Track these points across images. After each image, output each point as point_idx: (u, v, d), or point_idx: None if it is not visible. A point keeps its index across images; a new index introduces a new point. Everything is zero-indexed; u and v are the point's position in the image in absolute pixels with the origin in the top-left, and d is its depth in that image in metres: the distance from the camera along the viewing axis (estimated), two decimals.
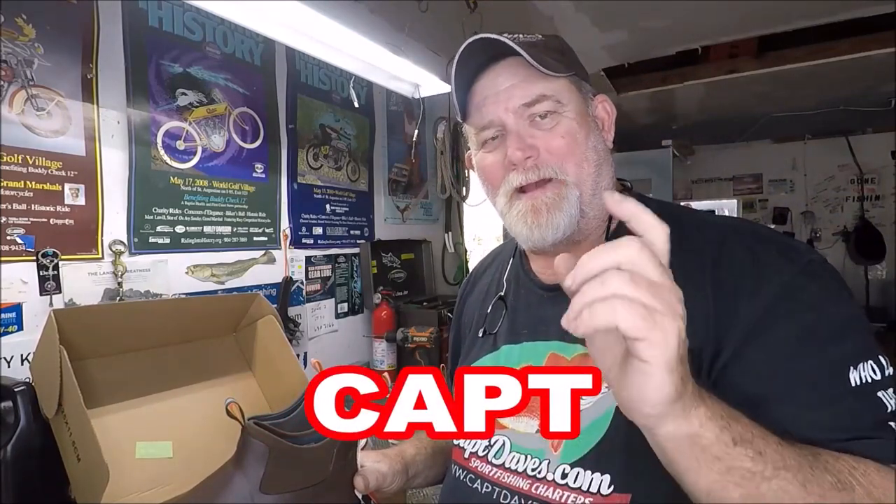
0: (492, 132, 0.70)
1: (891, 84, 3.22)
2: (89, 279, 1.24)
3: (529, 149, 0.67)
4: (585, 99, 0.71)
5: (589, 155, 0.68)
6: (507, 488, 0.67)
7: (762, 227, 0.66)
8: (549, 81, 0.67)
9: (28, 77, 1.13)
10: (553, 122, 0.67)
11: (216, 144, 1.55)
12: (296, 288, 1.84)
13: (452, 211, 2.81)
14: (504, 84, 0.68)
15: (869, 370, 0.52)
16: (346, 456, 0.70)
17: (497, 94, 0.68)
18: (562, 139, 0.67)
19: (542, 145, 0.67)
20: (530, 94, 0.66)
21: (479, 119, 0.71)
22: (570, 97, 0.68)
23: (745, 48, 2.60)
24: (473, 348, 0.83)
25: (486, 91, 0.69)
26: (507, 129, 0.68)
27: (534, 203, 0.67)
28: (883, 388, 0.52)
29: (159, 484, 0.91)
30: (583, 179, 0.67)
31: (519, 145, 0.66)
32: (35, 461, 0.88)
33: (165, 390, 1.02)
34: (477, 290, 0.92)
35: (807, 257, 0.59)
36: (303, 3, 1.20)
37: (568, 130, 0.67)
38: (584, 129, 0.68)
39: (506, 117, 0.68)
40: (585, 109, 0.70)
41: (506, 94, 0.67)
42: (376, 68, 1.58)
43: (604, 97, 0.75)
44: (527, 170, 0.67)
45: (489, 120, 0.69)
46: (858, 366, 0.53)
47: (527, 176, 0.67)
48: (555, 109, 0.67)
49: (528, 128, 0.68)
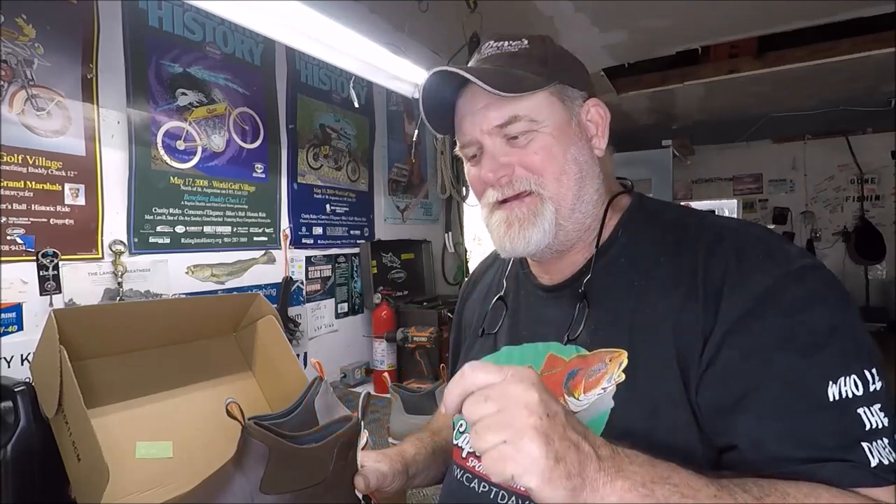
0: (472, 150, 0.72)
1: (891, 84, 3.22)
2: (89, 279, 1.24)
3: (503, 168, 0.68)
4: (569, 108, 0.70)
5: (568, 168, 0.68)
6: (504, 488, 0.67)
7: (759, 229, 0.64)
8: (524, 100, 0.66)
9: (28, 77, 1.13)
10: (527, 139, 0.67)
11: (216, 144, 1.55)
12: (296, 288, 1.84)
13: (452, 211, 2.81)
14: (480, 104, 0.68)
15: (851, 385, 0.50)
16: (346, 456, 0.70)
17: (474, 114, 0.69)
18: (536, 156, 0.67)
19: (517, 162, 0.68)
20: (503, 116, 0.67)
21: (461, 136, 0.72)
22: (548, 111, 0.68)
23: (745, 48, 2.60)
24: (473, 349, 0.83)
25: (465, 110, 0.70)
26: (484, 149, 0.69)
27: (508, 216, 0.69)
28: (866, 403, 0.50)
29: (159, 484, 0.91)
30: (561, 194, 0.67)
31: (492, 167, 0.68)
32: (35, 461, 0.88)
33: (165, 390, 1.02)
34: (477, 290, 0.92)
35: (798, 262, 0.57)
36: (303, 3, 1.20)
37: (543, 146, 0.67)
38: (562, 142, 0.68)
39: (482, 137, 0.69)
40: (567, 120, 0.69)
41: (481, 115, 0.68)
42: (376, 68, 1.58)
43: (596, 101, 0.73)
44: (502, 186, 0.68)
45: (468, 139, 0.71)
46: (839, 380, 0.50)
47: (503, 192, 0.68)
48: (529, 128, 0.67)
49: (503, 146, 0.68)
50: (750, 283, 0.56)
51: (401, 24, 1.71)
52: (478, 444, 0.46)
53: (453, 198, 2.65)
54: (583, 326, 0.67)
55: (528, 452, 0.44)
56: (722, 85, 2.97)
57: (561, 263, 0.73)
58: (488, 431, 0.45)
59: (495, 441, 0.45)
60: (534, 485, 0.44)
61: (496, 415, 0.46)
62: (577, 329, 0.67)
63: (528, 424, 0.44)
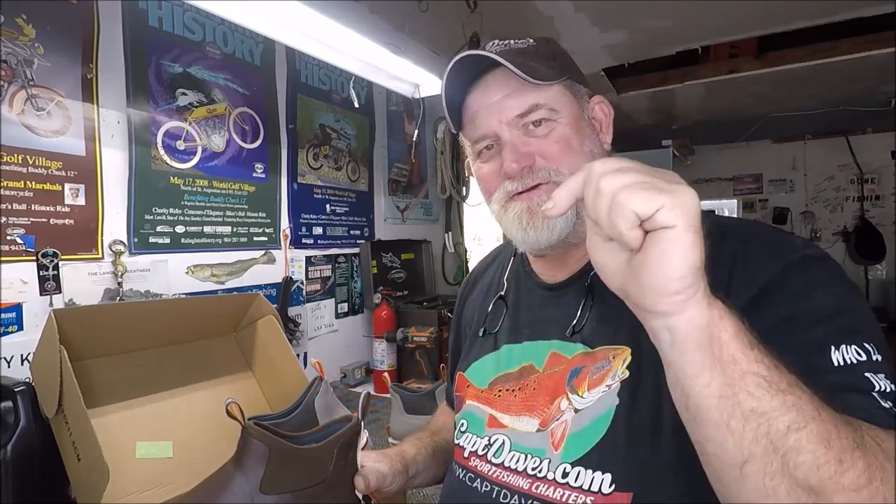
0: (486, 143, 0.71)
1: (891, 84, 3.22)
2: (89, 279, 1.24)
3: (525, 158, 0.67)
4: (580, 102, 0.71)
5: (584, 159, 0.68)
6: (507, 487, 0.67)
7: (762, 225, 0.65)
8: (542, 90, 0.67)
9: (28, 77, 1.13)
10: (547, 129, 0.68)
11: (216, 144, 1.55)
12: (296, 288, 1.84)
13: (452, 211, 2.81)
14: (496, 96, 0.68)
15: (853, 353, 0.50)
16: (346, 456, 0.70)
17: (489, 107, 0.69)
18: (556, 145, 0.67)
19: (536, 152, 0.67)
20: (523, 105, 0.67)
21: (473, 131, 0.72)
22: (563, 103, 0.68)
23: (745, 48, 2.60)
24: (474, 348, 0.83)
25: (478, 104, 0.70)
26: (502, 141, 0.69)
27: (529, 205, 0.68)
28: (871, 370, 0.49)
29: (159, 484, 0.91)
30: None
31: (514, 157, 0.67)
32: (35, 461, 0.88)
33: (165, 390, 1.02)
34: (477, 289, 0.92)
35: (802, 252, 0.58)
36: (303, 3, 1.20)
37: (562, 136, 0.67)
38: (578, 133, 0.68)
39: (499, 129, 0.68)
40: (580, 113, 0.70)
41: (498, 106, 0.68)
42: (376, 68, 1.58)
43: (600, 98, 0.74)
44: (523, 177, 0.68)
45: (483, 132, 0.70)
46: (841, 347, 0.50)
47: (523, 182, 0.68)
48: (549, 117, 0.67)
49: (522, 137, 0.68)
50: (757, 274, 0.56)
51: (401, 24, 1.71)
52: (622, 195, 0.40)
53: (453, 198, 2.65)
54: (586, 321, 0.67)
55: (684, 192, 0.39)
56: (722, 85, 2.97)
57: (567, 259, 0.73)
58: (640, 186, 0.40)
59: (634, 179, 0.40)
60: (682, 223, 0.38)
61: (646, 176, 0.41)
62: (583, 321, 0.67)
63: (683, 180, 0.41)
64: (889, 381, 0.49)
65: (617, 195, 0.40)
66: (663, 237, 0.39)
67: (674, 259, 0.39)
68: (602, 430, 0.61)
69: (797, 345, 0.51)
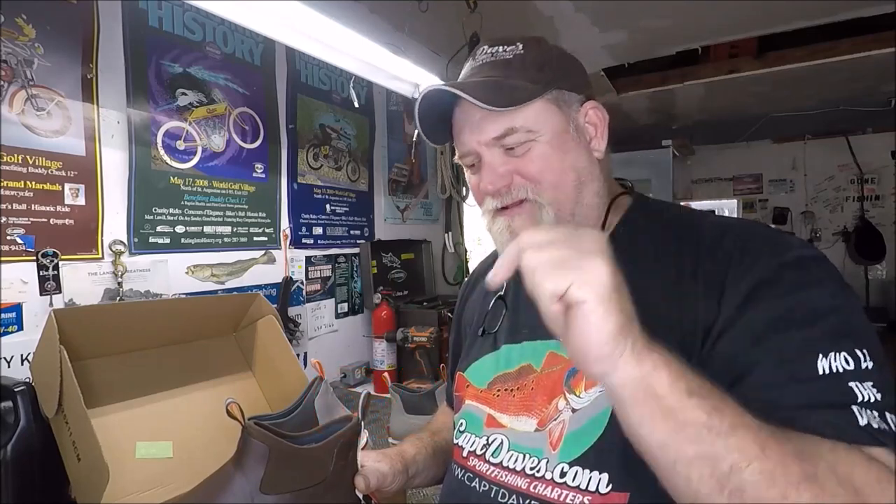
0: (470, 159, 0.72)
1: (891, 84, 3.22)
2: (89, 279, 1.24)
3: (501, 178, 0.68)
4: (566, 114, 0.70)
5: (565, 175, 0.68)
6: (505, 487, 0.67)
7: (760, 225, 0.65)
8: (520, 110, 0.66)
9: (28, 77, 1.13)
10: (525, 149, 0.68)
11: (216, 144, 1.55)
12: (296, 288, 1.84)
13: (452, 211, 2.81)
14: (476, 115, 0.68)
15: (841, 360, 0.49)
16: (347, 456, 0.70)
17: (471, 125, 0.69)
18: (533, 164, 0.68)
19: (514, 171, 0.68)
20: (500, 128, 0.67)
21: (459, 146, 0.73)
22: (544, 119, 0.68)
23: (745, 48, 2.60)
24: (473, 348, 0.83)
25: (462, 121, 0.71)
26: (482, 160, 0.70)
27: (510, 224, 0.69)
28: (857, 379, 0.48)
29: (159, 484, 0.91)
30: (560, 200, 0.68)
31: (490, 179, 0.68)
32: (35, 461, 0.88)
33: (165, 390, 1.02)
34: (477, 290, 0.92)
35: (797, 251, 0.58)
36: (303, 3, 1.20)
37: (540, 155, 0.67)
38: (559, 150, 0.68)
39: (479, 149, 0.69)
40: (565, 126, 0.69)
41: (478, 127, 0.69)
42: (376, 68, 1.58)
43: (594, 104, 0.73)
44: (501, 195, 0.69)
45: (466, 149, 0.71)
46: (829, 355, 0.50)
47: (502, 200, 0.69)
48: (526, 139, 0.67)
49: (501, 156, 0.69)
50: (751, 273, 0.57)
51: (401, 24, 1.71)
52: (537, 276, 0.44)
53: (453, 198, 2.65)
54: None
55: (592, 267, 0.43)
56: (722, 85, 2.97)
57: None
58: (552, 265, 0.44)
59: (541, 259, 0.44)
60: (591, 297, 0.42)
61: (561, 252, 0.44)
62: None
63: (597, 249, 0.44)
64: (875, 389, 0.48)
65: (534, 274, 0.45)
66: (578, 311, 0.43)
67: (590, 330, 0.43)
68: (599, 429, 0.62)
69: (787, 345, 0.52)
